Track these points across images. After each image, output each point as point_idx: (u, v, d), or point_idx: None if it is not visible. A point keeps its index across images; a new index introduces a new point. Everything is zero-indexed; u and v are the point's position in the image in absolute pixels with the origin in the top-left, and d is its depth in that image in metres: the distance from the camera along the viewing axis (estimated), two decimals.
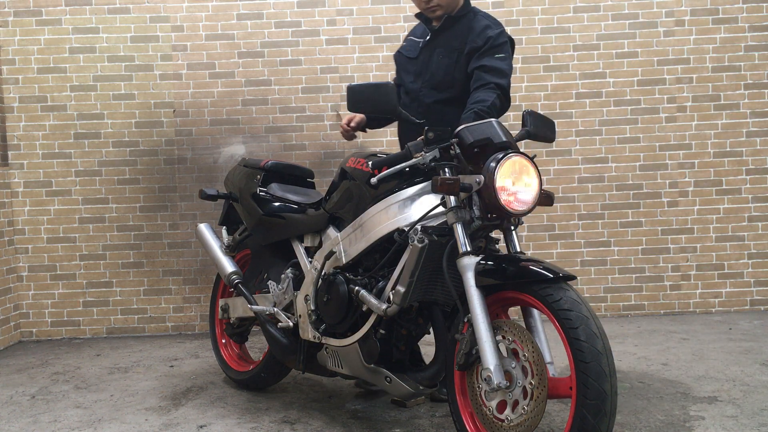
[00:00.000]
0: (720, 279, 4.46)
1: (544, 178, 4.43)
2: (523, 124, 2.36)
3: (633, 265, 4.46)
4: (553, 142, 2.73)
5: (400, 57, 2.93)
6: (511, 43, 2.77)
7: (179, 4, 4.33)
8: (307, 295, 2.60)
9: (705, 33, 4.40)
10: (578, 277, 4.41)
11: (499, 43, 2.67)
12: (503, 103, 2.62)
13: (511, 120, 4.27)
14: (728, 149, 4.44)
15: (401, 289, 2.15)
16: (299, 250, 2.79)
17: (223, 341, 3.33)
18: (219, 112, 4.38)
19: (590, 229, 4.45)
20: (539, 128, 2.37)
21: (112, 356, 3.85)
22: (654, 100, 4.42)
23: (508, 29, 4.43)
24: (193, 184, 4.36)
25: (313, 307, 2.57)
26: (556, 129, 2.50)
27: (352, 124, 2.91)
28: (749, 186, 4.44)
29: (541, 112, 2.68)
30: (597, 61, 4.41)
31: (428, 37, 2.80)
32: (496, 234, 2.22)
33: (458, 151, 2.08)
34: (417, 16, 2.88)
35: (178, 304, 4.41)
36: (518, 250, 2.13)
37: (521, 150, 2.09)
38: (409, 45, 2.90)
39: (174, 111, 4.36)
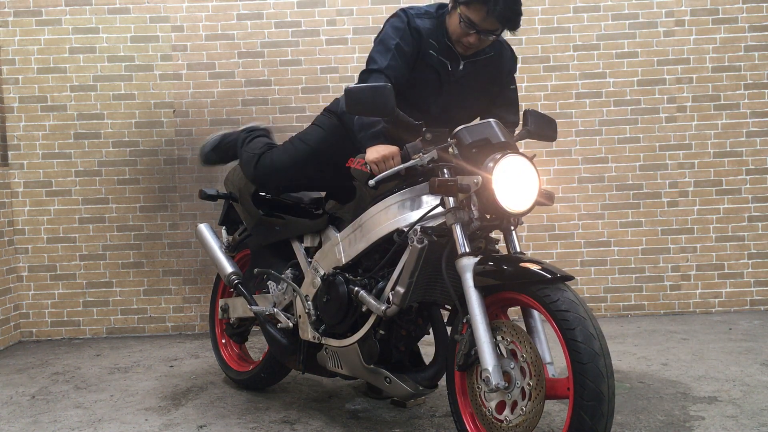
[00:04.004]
0: (720, 279, 4.46)
1: (543, 178, 4.44)
2: (524, 124, 2.37)
3: (633, 265, 4.46)
4: (554, 142, 2.72)
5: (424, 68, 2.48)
6: None
7: (179, 4, 4.33)
8: (307, 295, 2.60)
9: (705, 33, 4.40)
10: (578, 277, 4.41)
11: (515, 72, 2.66)
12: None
13: None
14: (728, 149, 4.43)
15: (401, 289, 2.15)
16: (299, 250, 2.79)
17: (223, 341, 3.33)
18: (219, 112, 4.38)
19: (590, 229, 4.45)
20: (540, 127, 2.37)
21: (112, 356, 3.86)
22: (654, 100, 4.42)
23: None
24: (193, 184, 4.36)
25: (307, 310, 2.57)
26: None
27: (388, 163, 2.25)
28: (749, 186, 4.44)
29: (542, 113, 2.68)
30: (597, 61, 4.41)
31: (461, 68, 2.47)
32: (495, 234, 2.22)
33: (457, 151, 2.07)
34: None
35: (178, 304, 4.41)
36: (518, 250, 2.13)
37: (521, 150, 2.09)
38: (437, 64, 2.45)
39: (174, 111, 4.37)
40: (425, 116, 2.39)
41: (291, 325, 2.71)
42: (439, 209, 2.10)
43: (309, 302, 2.58)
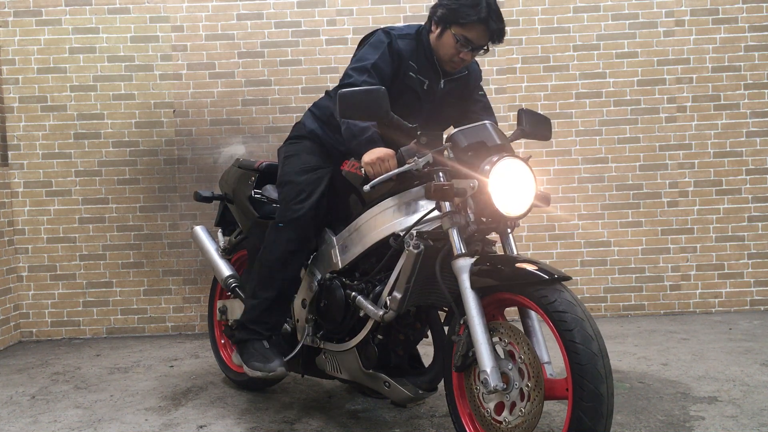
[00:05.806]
0: (720, 279, 4.46)
1: (543, 178, 4.44)
2: (519, 123, 2.35)
3: (633, 265, 4.46)
4: (552, 142, 2.72)
5: (405, 90, 2.51)
6: None
7: (179, 4, 4.33)
8: (304, 299, 2.60)
9: (705, 33, 4.40)
10: (578, 278, 4.41)
11: (480, 81, 2.75)
12: None
13: (511, 120, 4.27)
14: (728, 149, 4.43)
15: (398, 295, 2.13)
16: None
17: (222, 342, 3.33)
18: (219, 112, 4.38)
19: (590, 229, 4.44)
20: (534, 126, 2.36)
21: (112, 356, 3.86)
22: (654, 100, 4.42)
23: (508, 29, 4.47)
24: (193, 184, 4.36)
25: (304, 316, 2.56)
26: (556, 129, 2.50)
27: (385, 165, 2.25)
28: (749, 186, 4.44)
29: (541, 112, 2.67)
30: (597, 61, 4.41)
31: (441, 86, 2.57)
32: (493, 237, 2.21)
33: (452, 154, 2.05)
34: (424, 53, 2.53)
35: (178, 304, 4.41)
36: (515, 252, 2.12)
37: (516, 152, 2.08)
38: (416, 84, 2.52)
39: (174, 111, 4.37)
40: None
41: (289, 329, 2.70)
42: (435, 213, 2.08)
43: (306, 307, 2.57)
